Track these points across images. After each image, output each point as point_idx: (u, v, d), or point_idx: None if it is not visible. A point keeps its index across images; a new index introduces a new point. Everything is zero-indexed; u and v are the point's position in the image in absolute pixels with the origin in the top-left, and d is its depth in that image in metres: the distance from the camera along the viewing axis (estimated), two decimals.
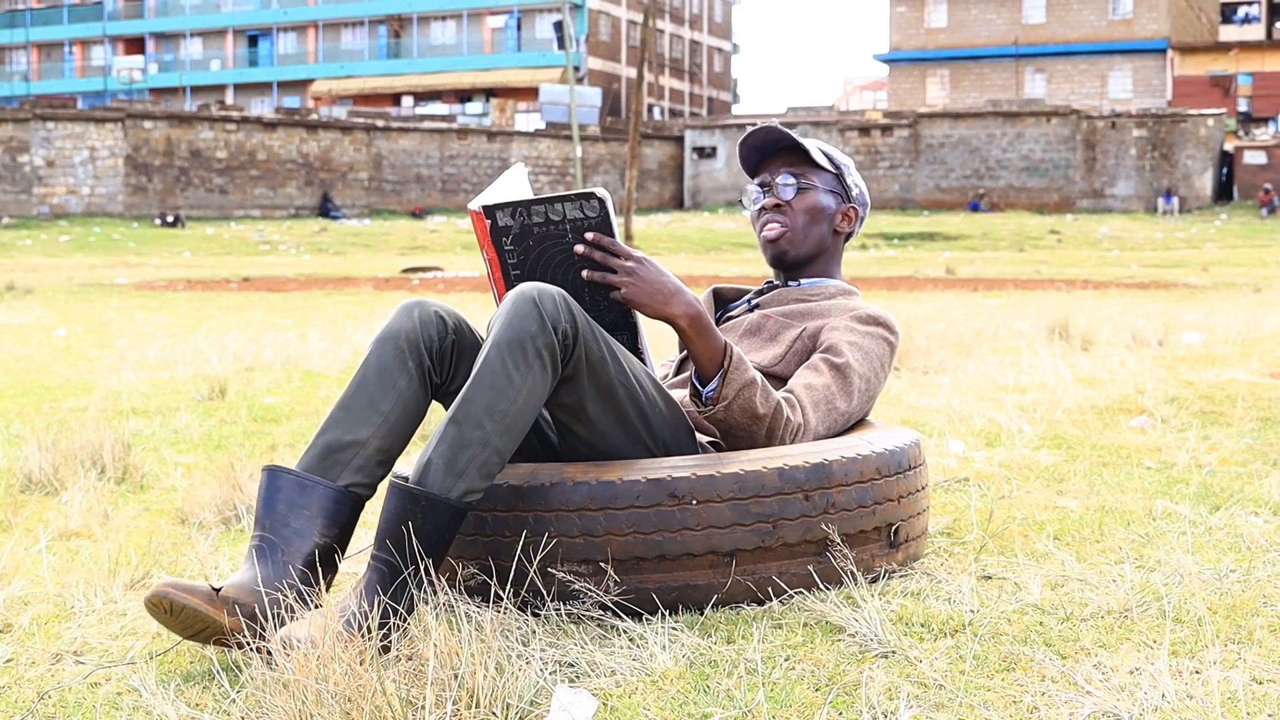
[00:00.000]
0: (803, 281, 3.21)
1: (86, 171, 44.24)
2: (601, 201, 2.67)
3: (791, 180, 3.15)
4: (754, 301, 3.24)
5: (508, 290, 2.73)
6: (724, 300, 3.36)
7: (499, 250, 2.71)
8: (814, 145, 3.19)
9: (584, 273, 2.71)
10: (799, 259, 3.18)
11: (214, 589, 2.41)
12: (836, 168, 3.21)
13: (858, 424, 3.12)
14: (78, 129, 44.23)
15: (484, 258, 2.74)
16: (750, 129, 3.17)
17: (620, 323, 2.76)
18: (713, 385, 2.75)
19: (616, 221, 2.72)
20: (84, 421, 5.18)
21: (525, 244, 2.71)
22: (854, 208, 3.24)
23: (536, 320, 2.53)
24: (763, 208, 3.19)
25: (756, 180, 3.23)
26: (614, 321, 2.76)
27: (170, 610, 2.37)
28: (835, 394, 2.96)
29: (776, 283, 3.25)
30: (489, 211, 2.68)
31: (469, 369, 2.75)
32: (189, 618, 2.38)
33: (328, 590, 2.54)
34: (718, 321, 3.29)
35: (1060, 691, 2.18)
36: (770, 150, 3.22)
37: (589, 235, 2.68)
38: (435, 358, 2.71)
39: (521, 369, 2.52)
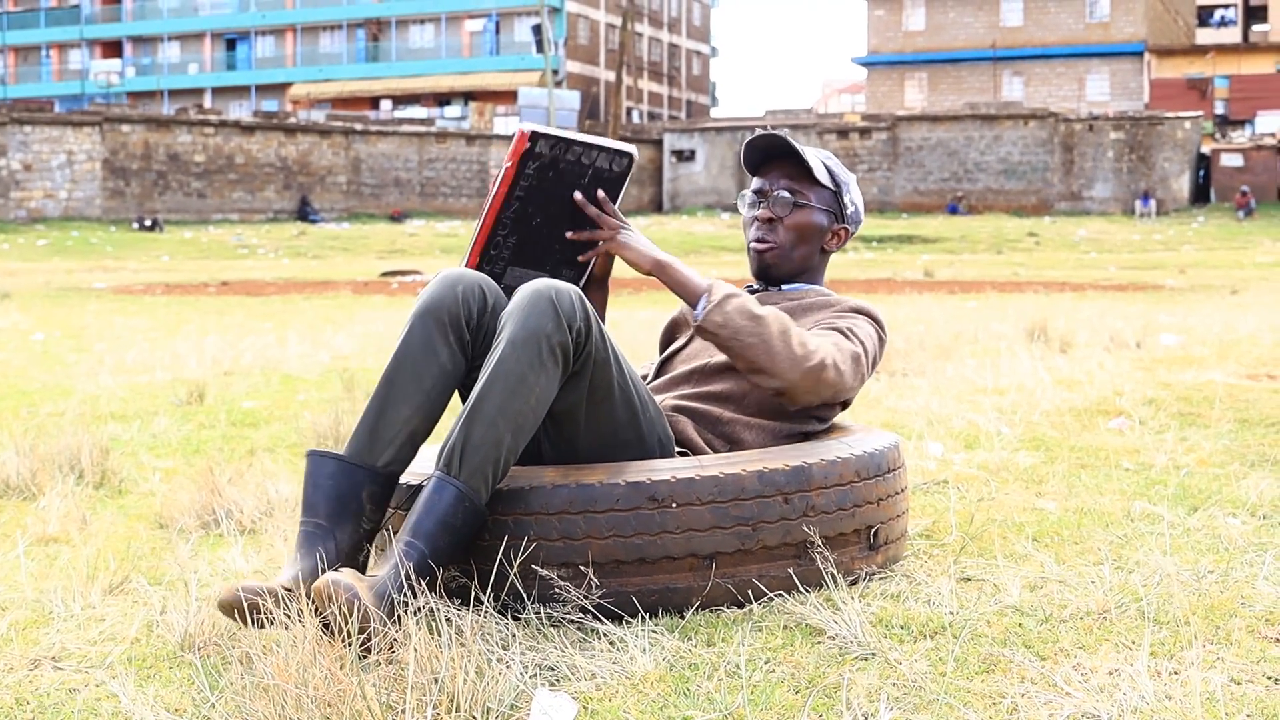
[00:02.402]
0: (784, 287, 3.22)
1: (64, 175, 44.03)
2: (632, 161, 2.81)
3: (788, 196, 3.13)
4: None
5: (495, 218, 2.78)
6: None
7: (517, 174, 2.75)
8: (817, 160, 3.15)
9: (569, 233, 2.83)
10: (782, 275, 3.19)
11: (285, 588, 2.46)
12: (836, 185, 3.17)
13: (834, 428, 3.12)
14: (55, 133, 44.02)
15: (494, 179, 2.78)
16: (758, 132, 3.15)
17: (569, 260, 2.86)
18: (703, 300, 2.79)
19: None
20: (62, 426, 5.16)
21: (545, 176, 2.77)
22: (845, 228, 3.21)
23: (553, 319, 2.56)
24: (756, 216, 3.18)
25: (754, 185, 3.20)
26: (564, 258, 2.86)
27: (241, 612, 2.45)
28: (846, 344, 2.95)
29: (758, 287, 3.26)
30: (536, 136, 2.73)
31: None
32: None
33: (363, 572, 2.63)
34: None
35: (1040, 692, 2.19)
36: (774, 153, 3.19)
37: (600, 194, 2.81)
38: (474, 332, 2.71)
39: (535, 368, 2.55)
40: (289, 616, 2.31)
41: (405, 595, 2.38)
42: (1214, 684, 2.19)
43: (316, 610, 2.34)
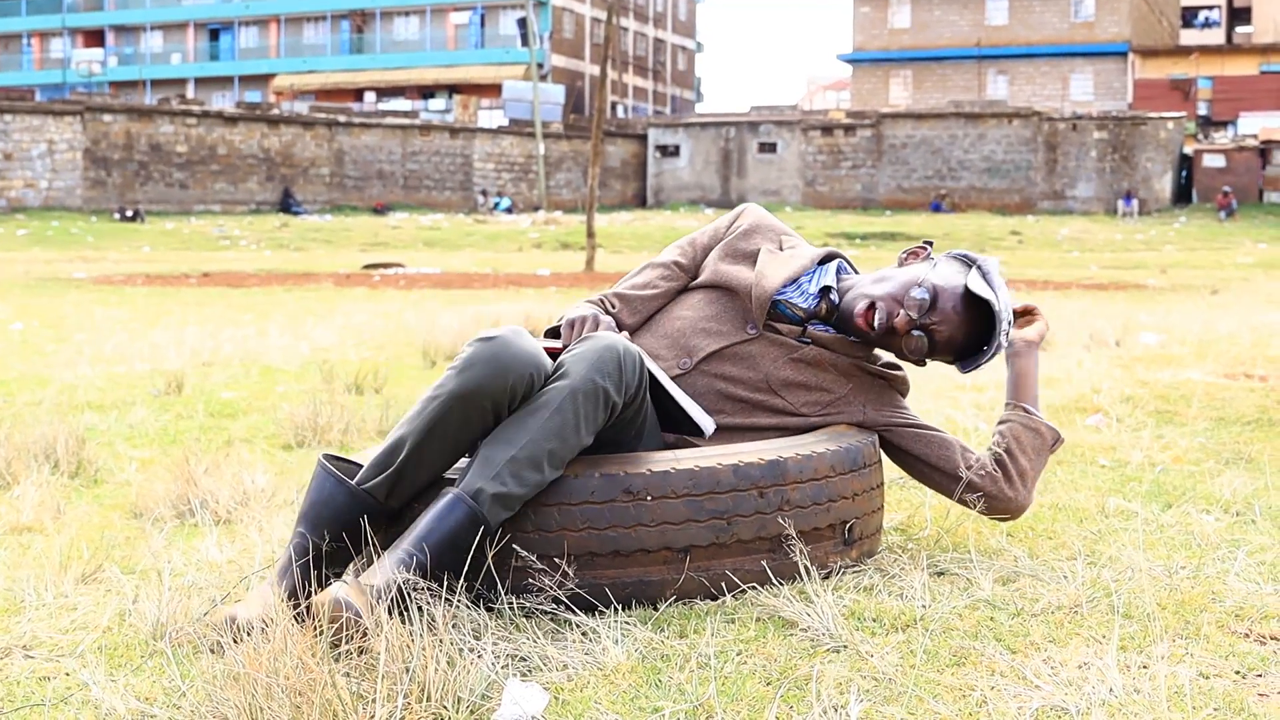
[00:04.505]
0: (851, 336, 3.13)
1: (44, 165, 43.84)
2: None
3: (922, 349, 3.01)
4: (810, 334, 3.08)
5: None
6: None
7: None
8: (986, 357, 3.02)
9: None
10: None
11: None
12: (965, 364, 3.08)
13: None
14: (36, 122, 43.83)
15: None
16: (992, 300, 2.95)
17: None
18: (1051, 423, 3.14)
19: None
20: (38, 415, 5.15)
21: None
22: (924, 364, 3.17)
23: (615, 380, 2.59)
24: (906, 305, 2.98)
25: (936, 289, 2.98)
26: None
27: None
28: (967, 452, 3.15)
29: (836, 302, 3.12)
30: None
31: None
32: None
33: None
34: (774, 309, 3.09)
35: (1009, 685, 2.19)
36: (982, 304, 3.02)
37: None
38: (512, 408, 2.62)
39: (589, 421, 2.58)
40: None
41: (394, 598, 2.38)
42: (1182, 678, 2.20)
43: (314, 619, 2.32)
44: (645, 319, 3.16)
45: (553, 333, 2.96)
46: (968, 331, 3.01)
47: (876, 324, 2.99)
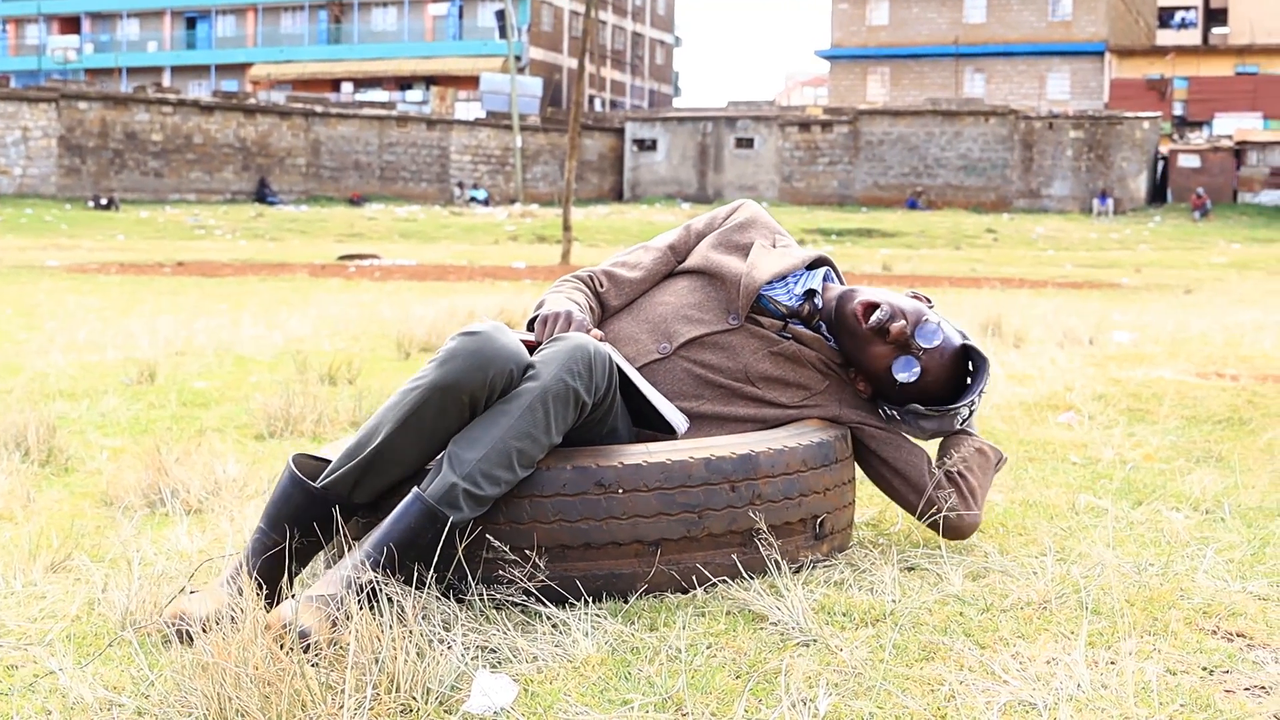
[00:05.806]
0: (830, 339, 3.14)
1: (18, 152, 43.58)
2: None
3: (901, 387, 3.04)
4: (791, 330, 3.10)
5: None
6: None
7: None
8: (945, 417, 3.09)
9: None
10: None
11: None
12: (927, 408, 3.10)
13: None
14: (10, 108, 43.56)
15: None
16: (983, 368, 3.10)
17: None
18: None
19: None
20: (9, 404, 5.12)
21: None
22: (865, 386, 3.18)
23: (585, 381, 2.59)
24: (912, 322, 3.03)
25: (938, 325, 3.05)
26: None
27: None
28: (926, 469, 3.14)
29: (819, 306, 3.15)
30: None
31: None
32: None
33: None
34: (758, 303, 3.11)
35: (977, 680, 2.20)
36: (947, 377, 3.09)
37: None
38: (489, 401, 2.61)
39: (558, 423, 2.58)
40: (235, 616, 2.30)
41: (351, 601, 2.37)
42: (1149, 674, 2.21)
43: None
44: (630, 301, 3.18)
45: (534, 323, 2.96)
46: (942, 381, 3.05)
47: (874, 320, 2.99)
